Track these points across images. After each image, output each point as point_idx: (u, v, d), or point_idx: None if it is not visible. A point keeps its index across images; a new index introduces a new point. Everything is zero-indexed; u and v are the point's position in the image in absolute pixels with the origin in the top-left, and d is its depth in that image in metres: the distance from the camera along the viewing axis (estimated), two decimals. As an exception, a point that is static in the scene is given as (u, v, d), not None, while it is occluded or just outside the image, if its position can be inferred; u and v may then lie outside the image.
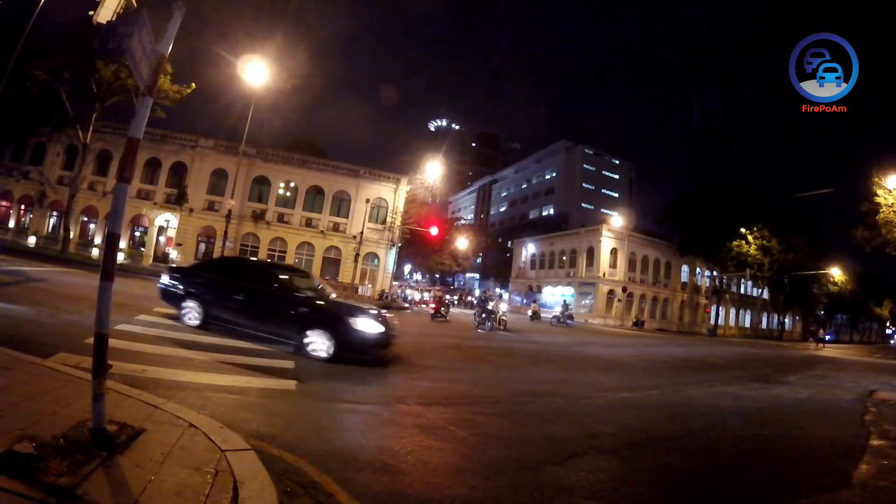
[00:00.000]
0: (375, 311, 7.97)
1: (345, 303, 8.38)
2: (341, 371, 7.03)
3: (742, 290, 52.35)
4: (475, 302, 25.17)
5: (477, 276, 70.31)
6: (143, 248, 32.22)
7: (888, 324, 74.96)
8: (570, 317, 30.15)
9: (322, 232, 33.43)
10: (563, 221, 58.81)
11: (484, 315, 18.08)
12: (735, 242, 40.22)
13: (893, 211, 21.28)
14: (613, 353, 14.95)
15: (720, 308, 46.50)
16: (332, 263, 33.60)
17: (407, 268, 56.80)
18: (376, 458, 3.72)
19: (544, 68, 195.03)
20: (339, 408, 5.11)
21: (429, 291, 40.74)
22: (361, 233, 29.47)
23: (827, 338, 44.98)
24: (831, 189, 39.60)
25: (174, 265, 12.74)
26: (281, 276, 8.53)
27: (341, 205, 34.33)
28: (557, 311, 30.38)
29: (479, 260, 66.58)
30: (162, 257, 31.41)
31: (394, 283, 36.32)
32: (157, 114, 22.83)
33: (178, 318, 8.22)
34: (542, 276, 50.10)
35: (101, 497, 2.35)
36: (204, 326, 7.99)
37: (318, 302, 7.79)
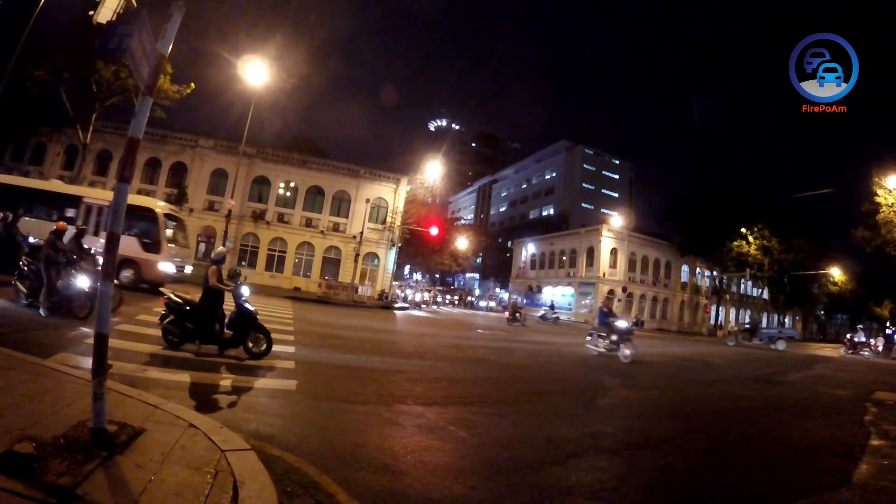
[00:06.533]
0: None
1: None
2: (341, 372, 7.04)
3: (742, 290, 52.34)
4: (507, 307, 28.55)
5: (477, 276, 70.28)
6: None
7: (888, 324, 74.98)
8: (557, 317, 31.10)
9: (322, 232, 33.42)
10: (563, 221, 58.76)
11: (517, 315, 23.28)
12: (735, 242, 40.20)
13: (893, 211, 21.27)
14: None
15: (720, 308, 46.49)
16: (332, 263, 33.59)
17: (407, 268, 56.77)
18: (376, 458, 3.72)
19: (544, 68, 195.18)
20: (339, 408, 5.11)
21: (428, 291, 40.74)
22: (361, 233, 29.45)
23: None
24: (831, 189, 39.67)
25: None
26: None
27: (341, 205, 34.32)
28: (543, 310, 30.89)
29: (479, 260, 66.55)
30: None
31: (394, 283, 36.28)
32: (157, 114, 22.81)
33: None
34: (542, 276, 50.08)
35: (101, 497, 2.35)
36: None
37: None
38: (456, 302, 45.64)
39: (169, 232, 14.59)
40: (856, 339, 25.87)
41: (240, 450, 3.21)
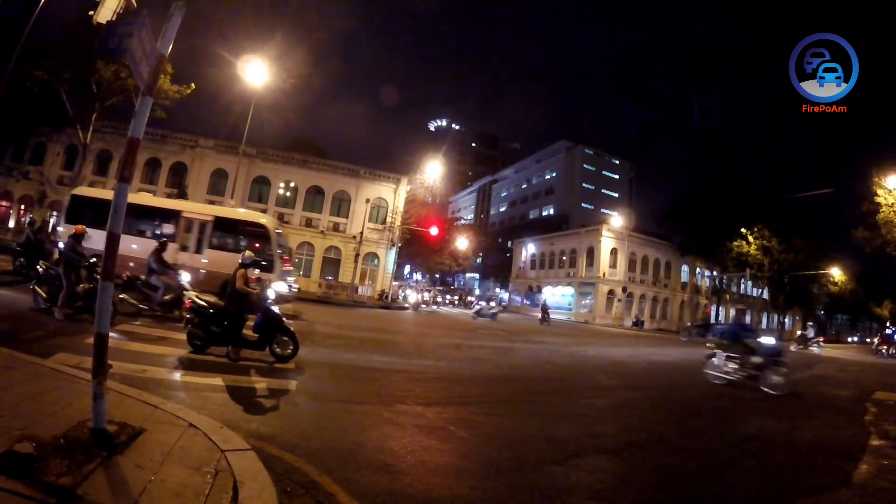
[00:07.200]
0: None
1: None
2: (341, 371, 7.04)
3: (742, 290, 52.33)
4: (542, 307, 29.02)
5: (477, 276, 70.28)
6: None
7: (888, 324, 74.98)
8: (495, 313, 27.44)
9: (322, 232, 33.41)
10: (563, 221, 58.75)
11: (546, 316, 26.89)
12: (735, 242, 40.18)
13: (893, 211, 21.24)
14: (613, 353, 14.94)
15: (720, 308, 46.49)
16: (332, 263, 33.57)
17: (407, 268, 56.77)
18: (376, 458, 3.72)
19: (544, 68, 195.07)
20: (339, 408, 5.11)
21: (428, 291, 40.75)
22: (361, 233, 29.43)
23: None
24: (831, 189, 39.27)
25: None
26: None
27: (341, 205, 34.31)
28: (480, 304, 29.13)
29: (479, 260, 66.55)
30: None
31: (394, 283, 36.26)
32: (157, 114, 22.78)
33: None
34: (542, 276, 50.07)
35: (100, 497, 2.35)
36: None
37: None
38: (456, 302, 45.63)
39: (279, 249, 13.82)
40: (807, 336, 28.20)
41: (240, 450, 3.21)
